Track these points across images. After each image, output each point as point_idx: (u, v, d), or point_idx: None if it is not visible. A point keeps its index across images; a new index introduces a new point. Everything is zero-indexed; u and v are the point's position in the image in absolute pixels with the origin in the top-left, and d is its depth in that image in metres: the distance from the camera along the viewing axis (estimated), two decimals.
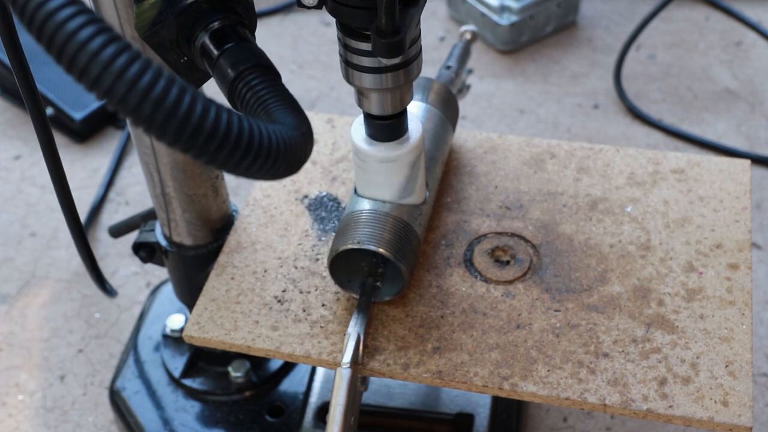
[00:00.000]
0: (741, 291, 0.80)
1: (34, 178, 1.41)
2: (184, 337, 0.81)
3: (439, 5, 1.68)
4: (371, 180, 0.79)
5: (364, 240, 0.77)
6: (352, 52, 0.70)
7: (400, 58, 0.68)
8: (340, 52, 0.72)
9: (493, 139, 0.96)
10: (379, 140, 0.77)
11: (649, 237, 0.85)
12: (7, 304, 1.23)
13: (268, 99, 0.58)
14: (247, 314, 0.81)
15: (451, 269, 0.83)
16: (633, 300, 0.80)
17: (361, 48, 0.69)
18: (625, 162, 0.92)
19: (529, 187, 0.90)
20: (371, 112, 0.75)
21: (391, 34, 0.64)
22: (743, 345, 0.75)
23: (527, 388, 0.74)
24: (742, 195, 0.88)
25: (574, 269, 0.82)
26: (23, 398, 1.12)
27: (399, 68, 0.71)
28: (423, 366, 0.76)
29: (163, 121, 0.45)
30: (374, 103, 0.74)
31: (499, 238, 0.86)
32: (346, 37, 0.69)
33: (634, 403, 0.72)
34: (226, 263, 0.86)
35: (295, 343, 0.79)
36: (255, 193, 0.92)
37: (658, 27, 1.61)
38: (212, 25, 0.64)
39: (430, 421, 0.96)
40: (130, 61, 0.44)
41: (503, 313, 0.79)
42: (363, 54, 0.70)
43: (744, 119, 1.44)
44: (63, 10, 0.43)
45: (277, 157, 0.51)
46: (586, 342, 0.77)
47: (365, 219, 0.78)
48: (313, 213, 0.89)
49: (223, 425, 0.98)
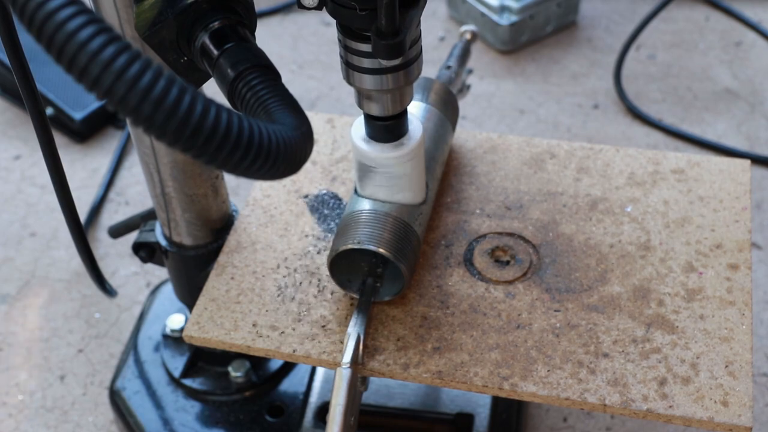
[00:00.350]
0: (741, 291, 0.80)
1: (34, 178, 1.41)
2: (184, 337, 0.81)
3: (439, 5, 1.68)
4: (371, 180, 0.79)
5: (365, 240, 0.77)
6: (352, 53, 0.70)
7: (400, 60, 0.68)
8: (341, 54, 0.72)
9: (493, 139, 0.96)
10: (380, 141, 0.77)
11: (649, 237, 0.85)
12: (7, 304, 1.23)
13: (268, 99, 0.58)
14: (247, 314, 0.81)
15: (451, 269, 0.83)
16: (633, 300, 0.80)
17: (361, 49, 0.69)
18: (625, 162, 0.92)
19: (529, 187, 0.90)
20: (371, 113, 0.75)
21: (391, 35, 0.64)
22: (743, 345, 0.75)
23: (527, 388, 0.74)
24: (742, 195, 0.87)
25: (574, 269, 0.82)
26: (23, 398, 1.12)
27: (399, 69, 0.71)
28: (423, 366, 0.76)
29: (163, 121, 0.45)
30: (374, 104, 0.74)
31: (499, 238, 0.86)
32: (346, 38, 0.69)
33: (634, 403, 0.72)
34: (226, 263, 0.86)
35: (295, 343, 0.79)
36: (255, 193, 0.92)
37: (658, 27, 1.61)
38: (212, 25, 0.64)
39: (430, 421, 0.96)
40: (130, 61, 0.44)
41: (503, 313, 0.79)
42: (363, 55, 0.70)
43: (744, 119, 1.44)
44: (63, 11, 0.43)
45: (277, 157, 0.51)
46: (586, 342, 0.77)
47: (365, 219, 0.78)
48: (315, 211, 0.89)
49: (223, 425, 0.98)
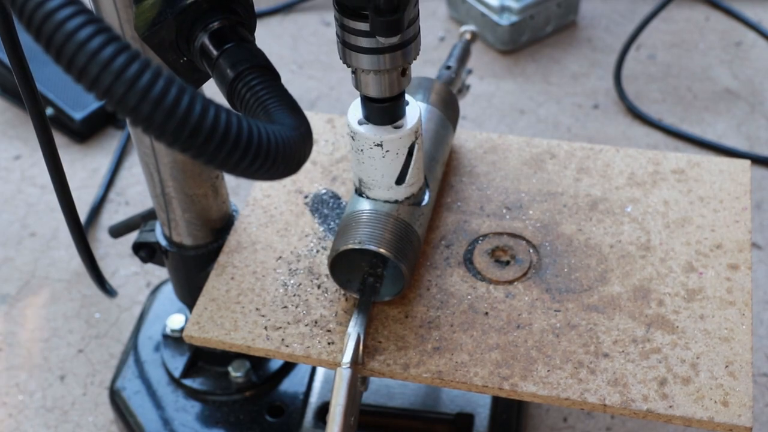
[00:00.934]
0: (741, 291, 0.80)
1: (34, 178, 1.41)
2: (184, 337, 0.81)
3: (439, 5, 1.68)
4: (369, 168, 0.78)
5: (365, 240, 0.77)
6: (349, 32, 0.69)
7: (398, 38, 0.68)
8: (337, 33, 0.71)
9: (493, 139, 0.96)
10: (377, 123, 0.76)
11: (649, 237, 0.85)
12: (7, 304, 1.23)
13: (268, 99, 0.58)
14: (247, 314, 0.81)
15: (451, 269, 0.83)
16: (633, 300, 0.80)
17: (358, 28, 0.69)
18: (625, 162, 0.92)
19: (529, 187, 0.90)
20: (368, 95, 0.74)
21: (390, 12, 0.63)
22: (743, 345, 0.75)
23: (527, 388, 0.74)
24: (742, 195, 0.87)
25: (574, 269, 0.82)
26: (23, 398, 1.12)
27: (396, 49, 0.70)
28: (423, 366, 0.76)
29: (162, 121, 0.45)
30: (371, 85, 0.73)
31: (499, 238, 0.86)
32: (343, 17, 0.69)
33: (634, 403, 0.72)
34: (226, 263, 0.86)
35: (295, 343, 0.79)
36: (255, 193, 0.92)
37: (658, 27, 1.61)
38: (212, 26, 0.64)
39: (430, 421, 0.96)
40: (129, 61, 0.44)
41: (503, 314, 0.79)
42: (360, 34, 0.69)
43: (744, 119, 1.44)
44: (62, 10, 0.43)
45: (276, 157, 0.51)
46: (586, 342, 0.77)
47: (366, 219, 0.78)
48: (315, 211, 0.89)
49: (223, 425, 0.98)
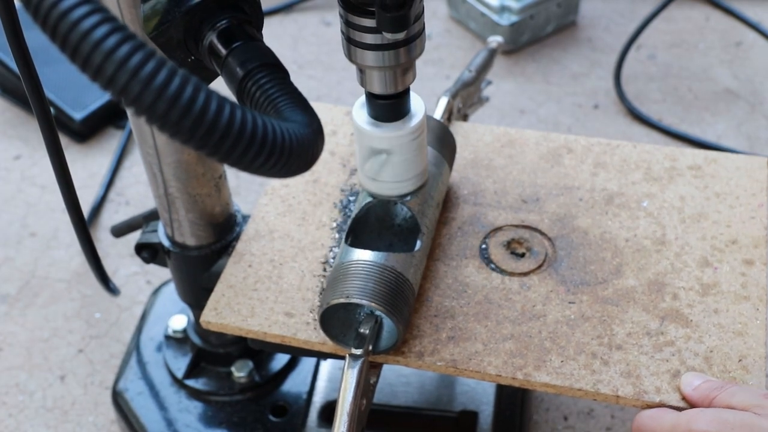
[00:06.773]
0: (756, 286, 0.80)
1: (34, 178, 1.41)
2: (201, 323, 0.81)
3: (439, 5, 1.68)
4: (374, 164, 0.78)
5: (354, 293, 0.73)
6: (354, 28, 0.69)
7: (403, 35, 0.68)
8: (342, 30, 0.71)
9: (510, 133, 0.96)
10: (382, 120, 0.76)
11: (665, 232, 0.85)
12: (7, 304, 1.23)
13: (278, 97, 0.58)
14: (264, 301, 0.82)
15: (467, 260, 0.84)
16: (647, 294, 0.80)
17: (363, 24, 0.69)
18: (642, 158, 0.92)
19: (545, 180, 0.91)
20: (373, 91, 0.74)
21: (397, 7, 0.63)
22: (757, 340, 0.76)
23: (540, 378, 0.74)
24: (758, 192, 0.88)
25: (589, 262, 0.83)
26: (23, 398, 1.12)
27: (401, 45, 0.70)
28: (437, 354, 0.76)
29: (178, 119, 0.45)
30: (376, 82, 0.73)
31: (515, 231, 0.86)
32: (348, 13, 0.69)
33: (646, 395, 0.72)
34: (244, 251, 0.86)
35: (310, 329, 0.79)
36: (273, 182, 0.93)
37: (658, 27, 1.61)
38: (220, 24, 0.64)
39: (433, 419, 0.96)
40: (144, 60, 0.44)
41: (518, 304, 0.80)
42: (365, 31, 0.69)
43: (744, 119, 1.44)
44: (76, 10, 0.43)
45: (291, 155, 0.51)
46: (600, 334, 0.77)
47: (354, 271, 0.75)
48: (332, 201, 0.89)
49: (227, 425, 0.98)
